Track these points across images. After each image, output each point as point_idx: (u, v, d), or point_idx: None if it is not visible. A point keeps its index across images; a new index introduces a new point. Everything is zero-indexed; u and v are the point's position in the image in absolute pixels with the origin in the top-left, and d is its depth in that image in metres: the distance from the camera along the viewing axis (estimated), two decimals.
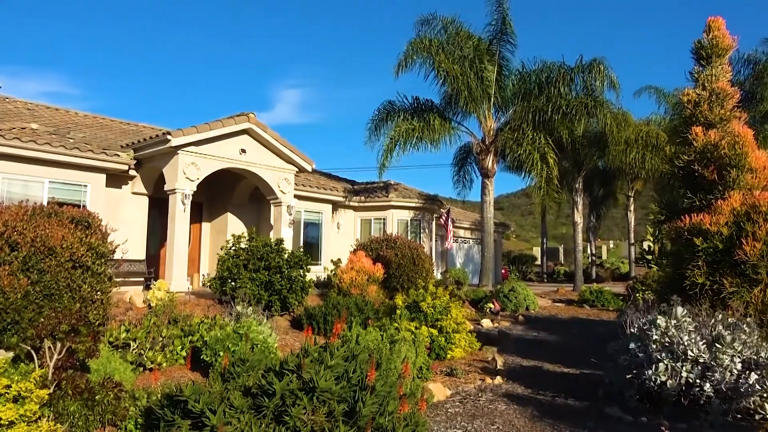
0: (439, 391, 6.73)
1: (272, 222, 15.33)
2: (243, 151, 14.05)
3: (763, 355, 5.90)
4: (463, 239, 27.70)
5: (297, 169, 15.39)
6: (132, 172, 13.69)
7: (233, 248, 11.30)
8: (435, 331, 8.98)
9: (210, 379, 4.31)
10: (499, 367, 8.52)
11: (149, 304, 9.99)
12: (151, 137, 13.08)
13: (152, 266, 13.90)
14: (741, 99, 9.36)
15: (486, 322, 13.33)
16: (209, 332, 7.68)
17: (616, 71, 21.70)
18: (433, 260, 20.13)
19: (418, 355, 6.88)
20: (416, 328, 8.74)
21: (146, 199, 14.23)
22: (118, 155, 13.13)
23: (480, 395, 6.94)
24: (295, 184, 15.81)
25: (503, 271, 30.54)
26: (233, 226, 15.65)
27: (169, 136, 12.32)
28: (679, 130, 9.07)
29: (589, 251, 35.08)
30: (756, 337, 6.08)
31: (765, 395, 5.76)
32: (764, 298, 6.88)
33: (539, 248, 41.57)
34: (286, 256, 11.37)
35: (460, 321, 9.39)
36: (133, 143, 13.60)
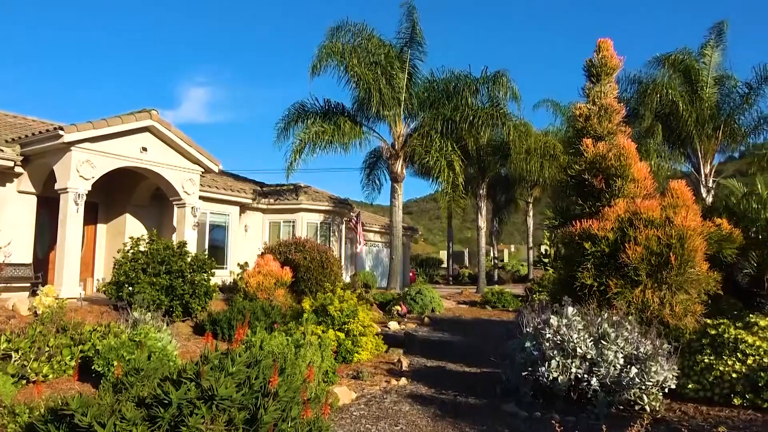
0: (344, 395, 6.75)
1: (175, 224, 14.71)
2: (144, 149, 13.38)
3: (642, 350, 6.42)
4: (372, 243, 27.95)
5: (203, 170, 14.88)
6: (18, 169, 12.64)
7: (131, 251, 10.75)
8: (342, 335, 9.01)
9: (101, 391, 4.06)
10: (404, 368, 8.70)
11: (35, 312, 9.27)
12: (41, 132, 12.15)
13: (40, 271, 12.89)
14: (627, 115, 10.13)
15: (393, 325, 13.54)
16: (102, 341, 7.25)
17: (518, 84, 22.89)
18: (343, 263, 20.18)
19: (325, 359, 6.87)
20: (323, 331, 8.72)
21: (34, 199, 13.17)
22: (2, 150, 12.09)
23: (385, 397, 7.04)
24: (201, 184, 15.27)
25: (411, 274, 31.12)
26: (132, 227, 14.86)
27: (61, 132, 11.51)
28: (573, 142, 9.69)
29: (492, 255, 36.56)
30: (636, 333, 6.60)
31: (643, 387, 6.28)
32: (644, 297, 7.50)
33: (446, 252, 42.79)
34: (189, 259, 10.97)
35: (367, 324, 9.47)
36: (20, 137, 12.56)
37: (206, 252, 14.06)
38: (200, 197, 15.10)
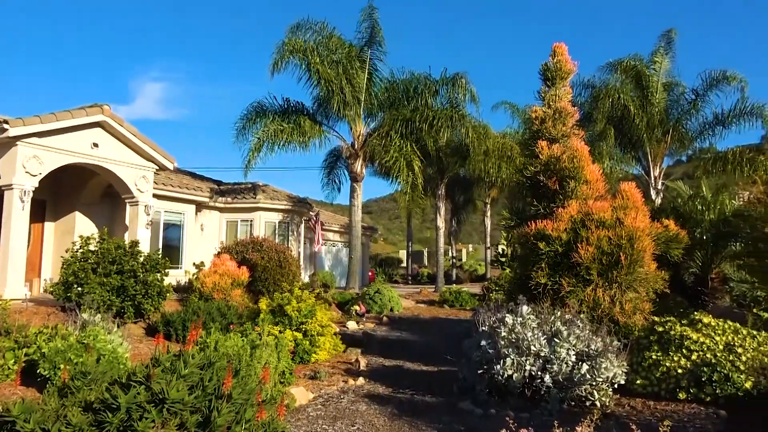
0: (301, 395, 6.70)
1: (128, 223, 14.32)
2: (95, 145, 12.99)
3: (593, 347, 6.59)
4: (332, 242, 27.85)
5: (157, 167, 14.53)
6: None
7: (81, 250, 10.40)
8: (299, 335, 8.93)
9: (45, 396, 3.92)
10: (362, 368, 8.69)
11: None
12: None
13: None
14: (580, 118, 10.38)
15: (352, 324, 13.52)
16: (49, 343, 6.97)
17: (477, 85, 23.21)
18: (302, 263, 20.05)
19: (281, 359, 6.80)
20: (280, 332, 8.63)
21: None
22: None
23: (342, 397, 7.02)
24: (155, 182, 14.92)
25: (370, 273, 31.16)
26: (82, 226, 14.39)
27: (6, 125, 11.05)
28: (528, 144, 9.88)
29: (450, 254, 36.92)
30: (588, 331, 6.77)
31: (594, 383, 6.44)
32: (595, 296, 7.71)
33: (405, 251, 43.02)
34: (141, 259, 10.69)
35: (325, 324, 9.43)
36: None
37: (160, 251, 13.75)
38: (154, 195, 14.76)
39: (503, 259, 21.66)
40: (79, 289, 9.81)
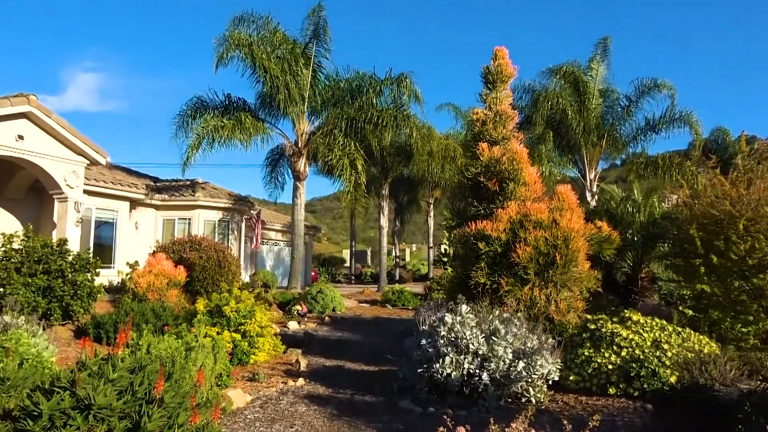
0: (239, 398, 6.55)
1: (56, 220, 13.60)
2: (20, 137, 12.26)
3: (529, 345, 6.76)
4: (274, 241, 27.47)
5: (88, 162, 13.88)
6: None
7: (3, 249, 9.81)
8: (238, 336, 8.74)
9: None
10: (302, 368, 8.59)
11: None
12: None
13: None
14: (521, 122, 10.64)
15: (293, 325, 13.36)
16: None
17: (421, 86, 23.44)
18: (242, 263, 19.67)
19: (218, 361, 6.63)
20: (218, 333, 8.42)
21: None
22: None
23: (281, 398, 6.91)
24: (87, 178, 14.26)
25: (313, 273, 30.92)
26: (5, 223, 13.58)
27: None
28: (470, 145, 10.05)
29: (394, 254, 37.14)
30: (524, 329, 6.93)
31: (530, 380, 6.62)
32: (532, 295, 7.92)
33: (349, 251, 42.93)
34: (70, 258, 10.19)
35: (264, 324, 9.26)
36: None
37: (91, 250, 13.17)
38: (85, 191, 14.11)
39: (445, 259, 21.95)
40: (1, 290, 9.25)
